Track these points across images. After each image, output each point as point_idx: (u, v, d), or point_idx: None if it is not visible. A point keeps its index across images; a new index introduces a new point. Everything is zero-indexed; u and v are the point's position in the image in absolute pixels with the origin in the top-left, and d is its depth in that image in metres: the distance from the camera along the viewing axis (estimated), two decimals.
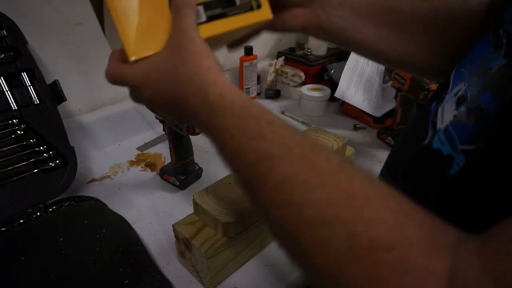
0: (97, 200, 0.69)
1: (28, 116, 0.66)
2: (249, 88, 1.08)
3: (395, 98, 0.85)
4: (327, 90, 1.00)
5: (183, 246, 0.53)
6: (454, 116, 0.31)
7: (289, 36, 1.22)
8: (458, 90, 0.32)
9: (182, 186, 0.72)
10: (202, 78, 0.33)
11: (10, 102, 0.65)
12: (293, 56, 1.12)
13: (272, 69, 1.10)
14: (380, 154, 0.84)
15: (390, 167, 0.41)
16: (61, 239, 0.57)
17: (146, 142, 0.88)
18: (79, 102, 0.84)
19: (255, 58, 1.04)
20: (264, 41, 1.17)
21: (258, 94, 1.14)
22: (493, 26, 0.32)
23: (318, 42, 1.08)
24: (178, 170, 0.72)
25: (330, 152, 0.30)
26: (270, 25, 0.43)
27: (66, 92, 0.70)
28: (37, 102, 0.67)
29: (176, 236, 0.54)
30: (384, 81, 0.97)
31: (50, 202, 0.66)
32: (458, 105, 0.31)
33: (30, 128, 0.66)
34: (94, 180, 0.75)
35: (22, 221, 0.62)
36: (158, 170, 0.77)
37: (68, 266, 0.54)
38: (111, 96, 0.88)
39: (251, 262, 0.57)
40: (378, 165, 0.80)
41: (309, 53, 1.09)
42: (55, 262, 0.54)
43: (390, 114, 0.92)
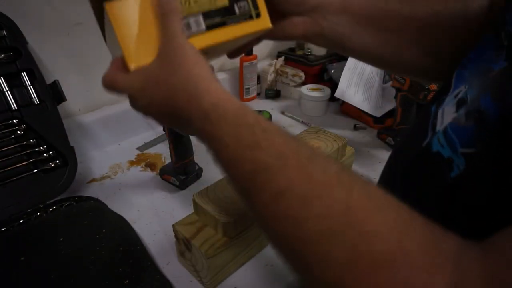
0: (97, 200, 0.69)
1: (28, 116, 0.66)
2: (249, 88, 1.08)
3: (395, 98, 0.85)
4: (327, 90, 1.00)
5: (183, 246, 0.53)
6: (454, 118, 0.31)
7: None
8: (458, 92, 0.32)
9: (182, 186, 0.72)
10: (194, 86, 0.32)
11: (10, 102, 0.65)
12: (293, 56, 1.12)
13: (272, 69, 1.10)
14: (380, 154, 0.84)
15: (391, 167, 0.41)
16: (61, 239, 0.57)
17: (146, 142, 0.88)
18: (79, 102, 0.84)
19: (255, 58, 1.04)
20: (264, 41, 1.17)
21: (258, 94, 1.14)
22: (494, 28, 0.32)
23: None
24: (178, 170, 0.72)
25: (327, 160, 0.29)
26: (270, 33, 0.43)
27: (66, 92, 0.70)
28: (37, 102, 0.67)
29: (176, 236, 0.54)
30: (384, 81, 0.97)
31: (50, 202, 0.66)
32: (458, 107, 0.31)
33: (30, 128, 0.66)
34: (94, 180, 0.76)
35: (22, 221, 0.62)
36: (158, 170, 0.77)
37: (68, 266, 0.54)
38: (111, 96, 0.86)
39: (251, 262, 0.57)
40: (378, 165, 0.80)
41: (309, 53, 1.09)
42: (55, 262, 0.54)
43: (390, 114, 0.92)
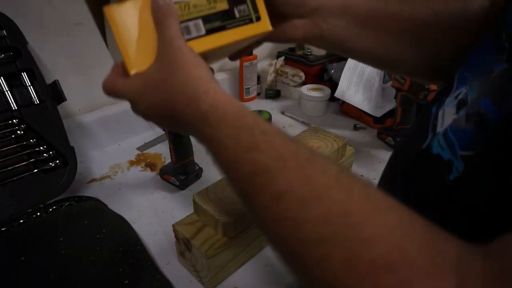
0: (97, 200, 0.69)
1: (28, 116, 0.66)
2: (249, 88, 1.08)
3: (395, 98, 0.85)
4: (327, 90, 1.00)
5: (183, 246, 0.53)
6: (454, 120, 0.30)
7: None
8: (459, 94, 0.32)
9: (182, 186, 0.72)
10: (193, 88, 0.33)
11: (10, 102, 0.65)
12: (293, 56, 1.12)
13: (272, 69, 1.10)
14: (380, 154, 0.84)
15: (391, 167, 0.41)
16: (61, 239, 0.57)
17: (146, 142, 0.88)
18: (79, 102, 0.84)
19: (255, 58, 1.04)
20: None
21: (258, 94, 1.14)
22: (494, 29, 0.32)
23: None
24: (178, 170, 0.72)
25: (327, 161, 0.29)
26: (271, 36, 0.43)
27: (66, 92, 0.70)
28: (37, 102, 0.67)
29: (176, 236, 0.54)
30: (384, 81, 0.97)
31: (50, 202, 0.66)
32: (458, 108, 0.31)
33: (30, 128, 0.66)
34: (94, 180, 0.76)
35: (22, 221, 0.62)
36: (158, 170, 0.77)
37: (68, 266, 0.54)
38: None
39: (251, 262, 0.57)
40: (378, 165, 0.80)
41: (309, 53, 1.09)
42: (55, 262, 0.54)
43: (390, 114, 0.92)
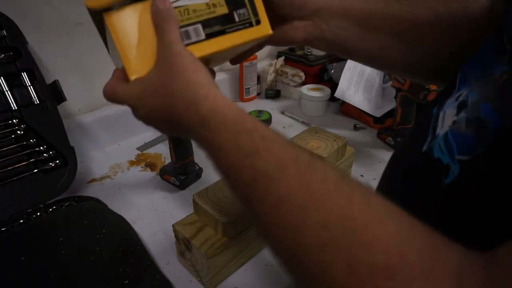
0: (97, 200, 0.69)
1: (28, 116, 0.66)
2: (249, 88, 1.08)
3: (395, 98, 0.85)
4: (327, 90, 1.00)
5: (183, 246, 0.53)
6: (454, 122, 0.30)
7: None
8: (460, 95, 0.32)
9: (182, 186, 0.72)
10: (192, 93, 0.33)
11: (10, 102, 0.65)
12: (293, 56, 1.12)
13: (272, 69, 1.10)
14: (380, 154, 0.84)
15: (392, 168, 0.41)
16: (61, 239, 0.57)
17: (146, 142, 0.88)
18: (79, 102, 0.84)
19: (255, 58, 1.04)
20: None
21: (258, 94, 1.14)
22: (496, 31, 0.32)
23: None
24: (178, 170, 0.72)
25: (327, 167, 0.29)
26: (271, 38, 0.42)
27: (66, 92, 0.70)
28: (37, 102, 0.67)
29: (176, 236, 0.54)
30: (384, 81, 0.97)
31: (50, 202, 0.66)
32: (458, 110, 0.31)
33: (30, 128, 0.66)
34: (94, 180, 0.76)
35: (22, 221, 0.62)
36: (158, 170, 0.77)
37: (68, 266, 0.54)
38: None
39: (251, 262, 0.57)
40: (378, 165, 0.80)
41: (309, 53, 1.10)
42: (55, 262, 0.54)
43: (390, 114, 0.92)
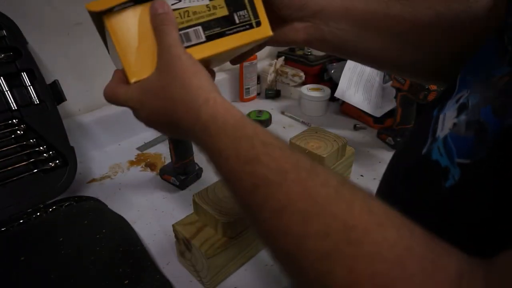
0: (97, 200, 0.69)
1: (28, 116, 0.66)
2: (249, 88, 1.08)
3: (395, 98, 0.85)
4: (327, 90, 1.00)
5: (183, 246, 0.53)
6: (454, 124, 0.30)
7: None
8: (460, 97, 0.32)
9: (182, 186, 0.72)
10: (192, 96, 0.33)
11: (10, 102, 0.65)
12: (293, 56, 1.12)
13: (272, 69, 1.10)
14: (380, 154, 0.84)
15: (393, 168, 0.40)
16: (61, 239, 0.57)
17: (146, 142, 0.88)
18: (79, 102, 0.84)
19: (255, 58, 1.04)
20: None
21: (258, 94, 1.14)
22: (497, 32, 0.32)
23: None
24: (178, 170, 0.72)
25: (328, 173, 0.28)
26: (272, 39, 0.42)
27: (66, 92, 0.70)
28: (37, 102, 0.67)
29: (176, 236, 0.54)
30: (384, 81, 0.97)
31: (50, 202, 0.66)
32: (459, 112, 0.30)
33: (30, 128, 0.66)
34: (94, 180, 0.76)
35: (22, 221, 0.62)
36: (158, 170, 0.77)
37: (68, 266, 0.54)
38: None
39: (251, 262, 0.57)
40: (378, 165, 0.80)
41: (309, 53, 1.09)
42: (55, 262, 0.54)
43: (390, 114, 0.92)
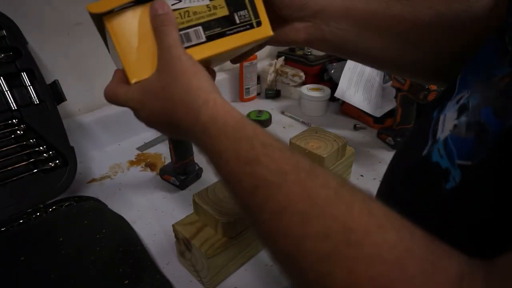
0: (97, 200, 0.69)
1: (28, 116, 0.66)
2: (249, 88, 1.08)
3: (395, 98, 0.85)
4: (327, 90, 1.00)
5: (183, 246, 0.53)
6: (455, 125, 0.30)
7: None
8: (461, 98, 0.32)
9: (182, 186, 0.72)
10: (192, 98, 0.33)
11: (10, 102, 0.65)
12: (293, 56, 1.12)
13: (272, 69, 1.10)
14: (380, 154, 0.84)
15: (393, 169, 0.40)
16: (61, 239, 0.57)
17: (146, 142, 0.88)
18: (79, 102, 0.84)
19: (255, 58, 1.04)
20: None
21: (258, 94, 1.14)
22: (498, 32, 0.31)
23: None
24: (178, 170, 0.72)
25: (327, 174, 0.28)
26: (272, 39, 0.42)
27: (66, 92, 0.70)
28: (37, 102, 0.67)
29: (176, 236, 0.54)
30: (384, 81, 0.97)
31: (50, 202, 0.66)
32: (459, 114, 0.30)
33: (30, 128, 0.66)
34: (94, 180, 0.76)
35: (22, 221, 0.62)
36: (158, 170, 0.77)
37: (68, 266, 0.54)
38: None
39: (251, 262, 0.57)
40: (378, 165, 0.80)
41: (309, 53, 1.09)
42: (55, 262, 0.54)
43: (390, 114, 0.92)
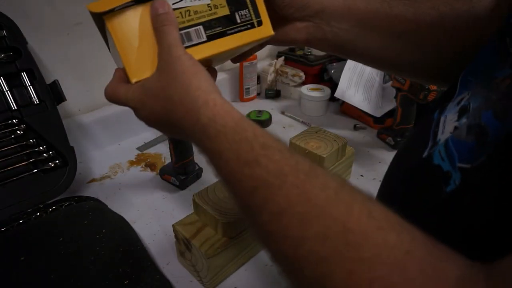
0: (97, 200, 0.69)
1: (28, 116, 0.66)
2: (249, 88, 1.08)
3: (395, 98, 0.85)
4: (327, 90, 1.00)
5: (183, 246, 0.53)
6: (455, 127, 0.30)
7: None
8: (461, 99, 0.31)
9: (182, 186, 0.72)
10: (192, 98, 0.32)
11: (10, 102, 0.65)
12: (293, 56, 1.12)
13: (272, 69, 1.10)
14: (380, 154, 0.84)
15: (393, 170, 0.40)
16: (61, 239, 0.57)
17: (146, 142, 0.88)
18: (79, 102, 0.84)
19: (255, 58, 1.04)
20: None
21: (258, 94, 1.14)
22: (499, 33, 0.31)
23: None
24: (178, 170, 0.72)
25: (327, 176, 0.28)
26: (273, 39, 0.42)
27: (66, 92, 0.70)
28: (37, 102, 0.67)
29: (176, 236, 0.54)
30: (384, 81, 0.97)
31: (50, 202, 0.66)
32: (460, 115, 0.30)
33: (30, 128, 0.66)
34: (94, 180, 0.76)
35: (22, 221, 0.62)
36: (158, 170, 0.77)
37: (68, 266, 0.54)
38: None
39: (251, 262, 0.57)
40: (378, 165, 0.80)
41: (309, 53, 1.10)
42: (55, 262, 0.54)
43: (390, 114, 0.92)
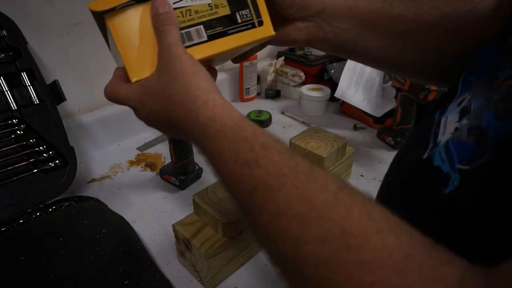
0: (97, 200, 0.69)
1: (28, 116, 0.66)
2: (249, 88, 1.08)
3: (395, 98, 0.85)
4: (327, 90, 1.00)
5: (183, 246, 0.53)
6: (456, 128, 0.30)
7: None
8: (462, 100, 0.31)
9: (182, 186, 0.72)
10: (192, 98, 0.32)
11: (10, 102, 0.65)
12: (293, 56, 1.12)
13: (272, 69, 1.10)
14: (380, 154, 0.84)
15: (393, 171, 0.40)
16: (61, 239, 0.57)
17: (146, 142, 0.88)
18: (79, 102, 0.84)
19: (255, 58, 1.04)
20: None
21: (258, 94, 1.14)
22: (501, 33, 0.31)
23: None
24: (178, 170, 0.72)
25: (327, 177, 0.28)
26: (274, 39, 0.42)
27: (66, 92, 0.70)
28: (37, 102, 0.67)
29: (176, 236, 0.54)
30: (384, 81, 0.97)
31: (50, 202, 0.66)
32: (461, 116, 0.30)
33: (30, 128, 0.66)
34: (94, 180, 0.76)
35: (22, 221, 0.62)
36: (158, 170, 0.77)
37: (68, 266, 0.54)
38: None
39: (251, 262, 0.57)
40: (378, 165, 0.80)
41: (309, 53, 1.09)
42: (55, 262, 0.54)
43: (390, 114, 0.92)
